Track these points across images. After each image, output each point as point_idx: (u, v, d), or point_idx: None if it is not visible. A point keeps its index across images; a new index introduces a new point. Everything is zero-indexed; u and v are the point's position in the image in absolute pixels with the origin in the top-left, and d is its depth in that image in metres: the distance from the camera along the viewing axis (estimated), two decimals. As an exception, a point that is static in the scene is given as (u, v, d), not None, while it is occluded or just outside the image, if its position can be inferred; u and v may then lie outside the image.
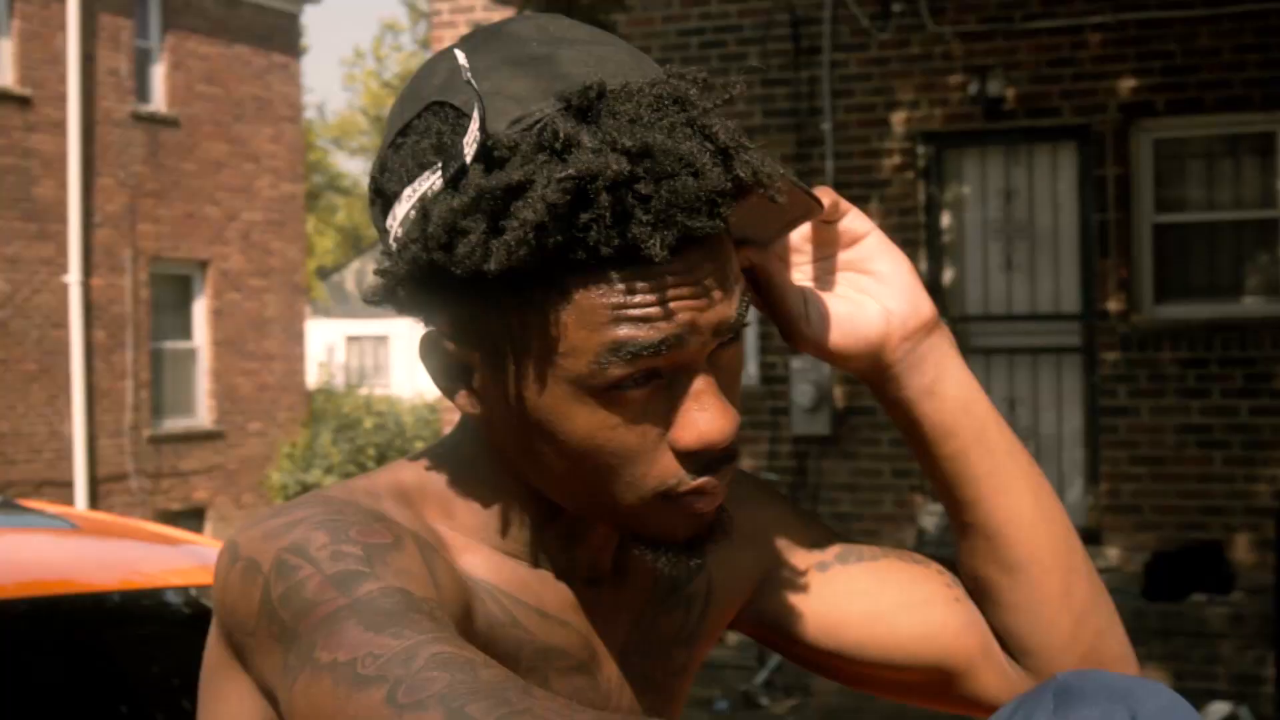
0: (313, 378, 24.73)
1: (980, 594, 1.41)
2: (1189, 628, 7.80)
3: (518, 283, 1.12)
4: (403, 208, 1.15)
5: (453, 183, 1.12)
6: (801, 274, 1.35)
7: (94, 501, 16.47)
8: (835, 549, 1.44)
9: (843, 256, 1.35)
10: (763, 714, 8.24)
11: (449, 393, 1.23)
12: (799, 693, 8.43)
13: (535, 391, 1.16)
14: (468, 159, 1.11)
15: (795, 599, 1.43)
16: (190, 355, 18.31)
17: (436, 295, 1.16)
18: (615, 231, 1.09)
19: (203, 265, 18.38)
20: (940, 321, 1.38)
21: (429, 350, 1.22)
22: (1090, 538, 8.77)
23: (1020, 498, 1.37)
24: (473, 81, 1.12)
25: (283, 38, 19.84)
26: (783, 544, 1.44)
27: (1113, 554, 8.65)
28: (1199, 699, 7.65)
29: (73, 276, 16.27)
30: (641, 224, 1.09)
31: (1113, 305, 8.73)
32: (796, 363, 9.15)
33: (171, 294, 18.14)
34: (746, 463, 9.44)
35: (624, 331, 1.12)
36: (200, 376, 18.39)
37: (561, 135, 1.09)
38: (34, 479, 16.09)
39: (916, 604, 1.41)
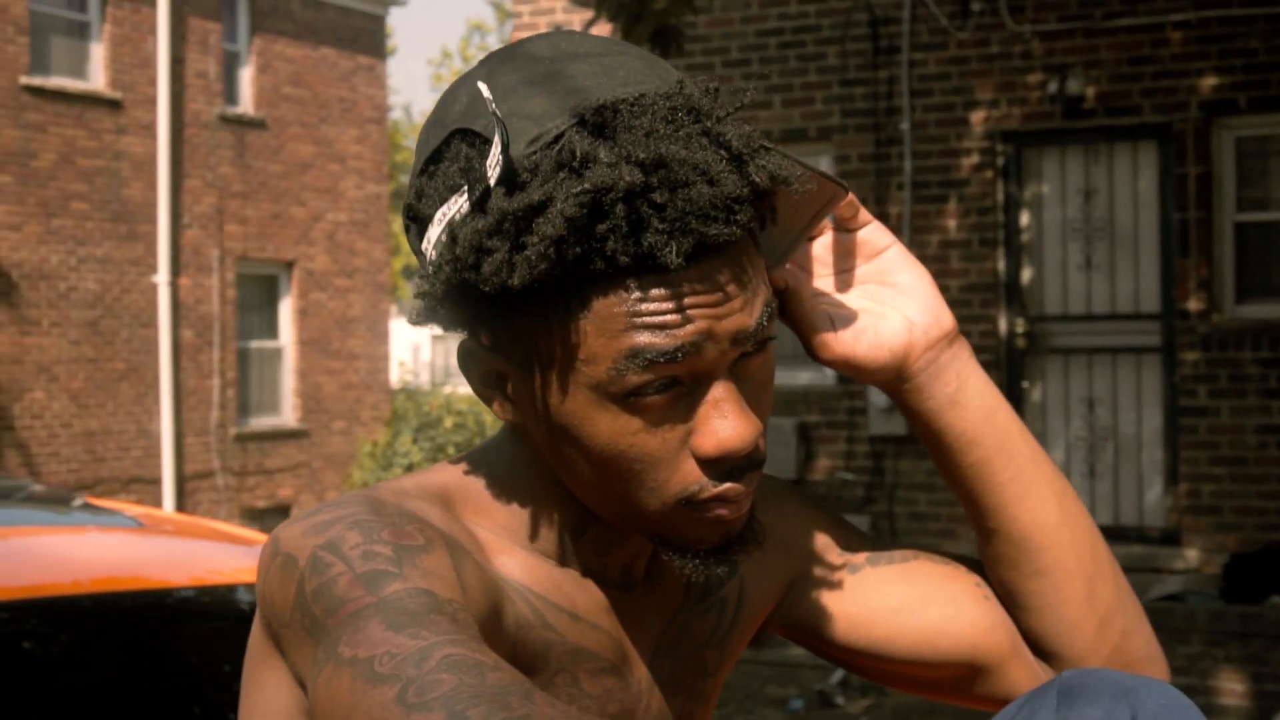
0: (394, 377, 24.87)
1: (1005, 598, 1.42)
2: (1268, 630, 7.70)
3: (542, 294, 1.15)
4: (434, 231, 1.19)
5: (478, 205, 1.15)
6: (823, 286, 1.37)
7: (181, 499, 16.66)
8: (865, 551, 1.46)
9: (864, 269, 1.37)
10: (838, 713, 8.23)
11: (486, 400, 1.26)
12: (874, 692, 8.41)
13: (560, 398, 1.19)
14: (491, 182, 1.14)
15: (826, 600, 1.45)
16: (276, 354, 18.48)
17: (471, 311, 1.19)
18: (631, 241, 1.11)
19: (289, 265, 18.54)
20: (960, 333, 1.39)
21: (466, 360, 1.25)
22: (1169, 538, 8.70)
23: (1043, 504, 1.38)
24: (495, 109, 1.14)
25: (368, 40, 19.99)
26: (813, 546, 1.46)
27: (1192, 555, 8.57)
28: (1277, 702, 7.58)
29: (161, 277, 16.44)
30: (657, 232, 1.11)
31: (1193, 305, 8.65)
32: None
33: (258, 294, 18.32)
34: (824, 463, 9.44)
35: (641, 339, 1.14)
36: (285, 375, 18.56)
37: (579, 154, 1.12)
38: (123, 476, 16.33)
39: (946, 602, 1.43)
